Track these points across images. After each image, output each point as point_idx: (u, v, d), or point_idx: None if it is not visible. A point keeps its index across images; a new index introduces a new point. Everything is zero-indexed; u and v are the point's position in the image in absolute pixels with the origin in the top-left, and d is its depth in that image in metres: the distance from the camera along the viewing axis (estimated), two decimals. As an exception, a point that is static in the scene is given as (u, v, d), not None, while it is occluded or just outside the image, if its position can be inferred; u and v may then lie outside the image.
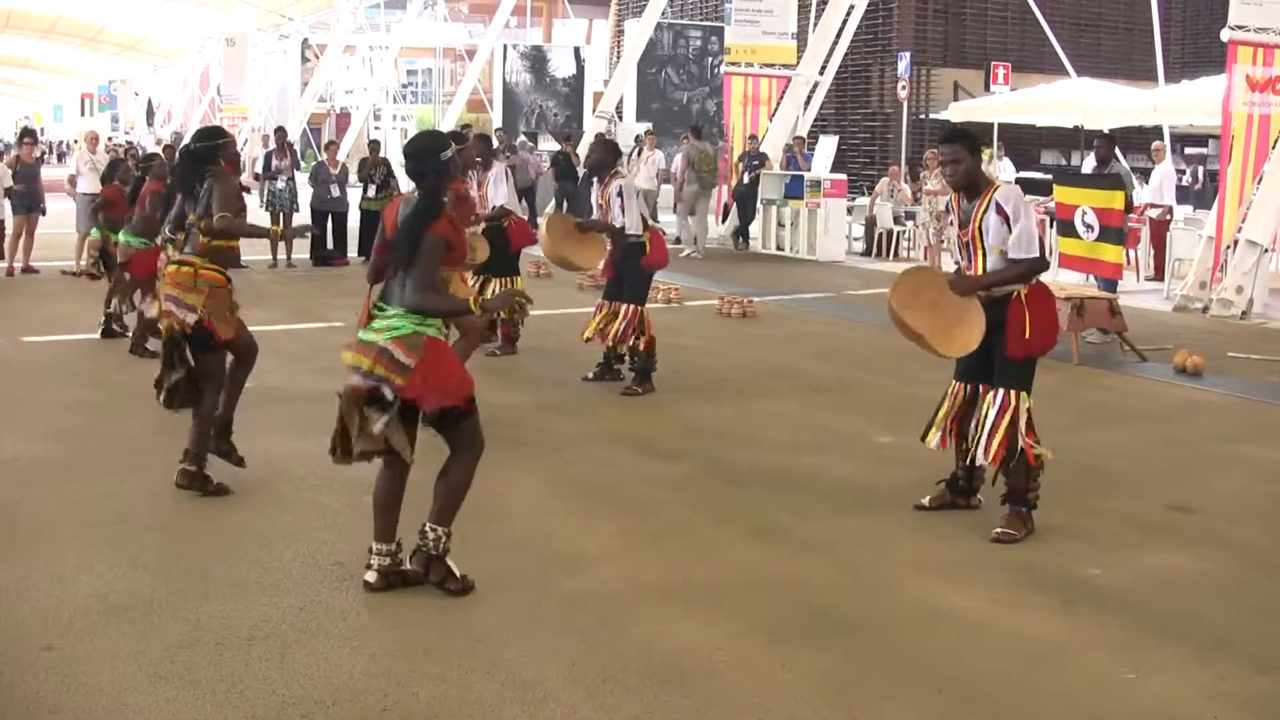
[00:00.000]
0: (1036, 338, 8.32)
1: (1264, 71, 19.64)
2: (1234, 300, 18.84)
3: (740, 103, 30.96)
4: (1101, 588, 7.55)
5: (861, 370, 13.90)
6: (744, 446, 10.64)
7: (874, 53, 40.33)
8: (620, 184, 12.55)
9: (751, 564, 7.80)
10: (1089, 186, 17.73)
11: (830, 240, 26.48)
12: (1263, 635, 6.89)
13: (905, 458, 9.31)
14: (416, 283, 6.72)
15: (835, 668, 6.31)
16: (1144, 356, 15.11)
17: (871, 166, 37.91)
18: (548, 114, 47.27)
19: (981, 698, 6.03)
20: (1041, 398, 9.34)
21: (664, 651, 6.41)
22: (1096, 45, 41.46)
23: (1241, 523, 8.96)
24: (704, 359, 14.65)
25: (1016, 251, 8.20)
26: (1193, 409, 12.76)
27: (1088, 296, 15.52)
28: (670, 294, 18.63)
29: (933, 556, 8.01)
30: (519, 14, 58.14)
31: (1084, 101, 28.47)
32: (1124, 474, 10.14)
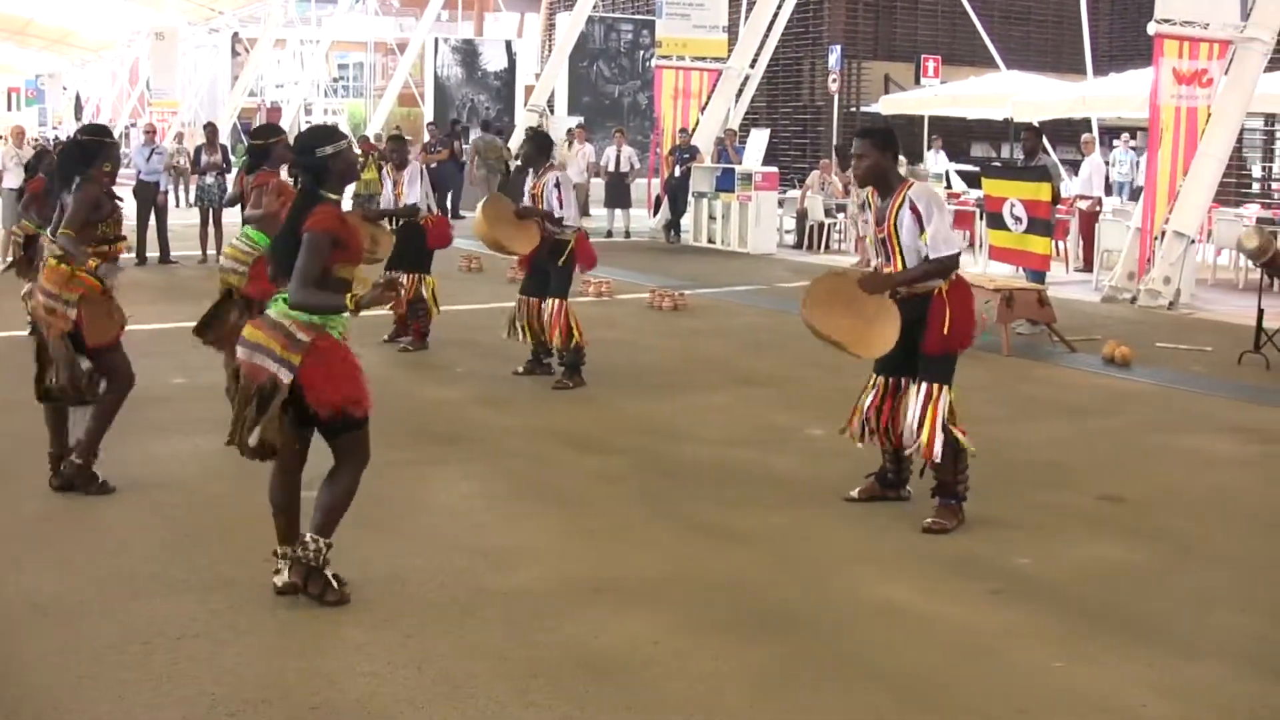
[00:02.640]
0: (955, 334, 8.32)
1: (1190, 64, 19.77)
2: (1162, 291, 18.98)
3: (671, 96, 30.94)
4: (1032, 578, 7.59)
5: (794, 363, 13.92)
6: (677, 441, 10.64)
7: (805, 46, 40.39)
8: (557, 176, 12.54)
9: (685, 558, 7.80)
10: (1017, 179, 17.85)
11: (761, 233, 26.50)
12: (1191, 624, 6.95)
13: (838, 451, 9.32)
14: (297, 279, 6.57)
15: (769, 661, 6.32)
16: (1073, 347, 15.20)
17: (803, 159, 37.97)
18: (479, 108, 47.08)
19: (913, 688, 6.06)
20: (971, 389, 9.41)
21: (596, 647, 6.41)
22: (1026, 38, 41.65)
23: (1170, 512, 9.03)
24: (636, 353, 14.65)
25: (933, 249, 8.21)
26: (1121, 399, 12.85)
27: (1017, 288, 15.61)
28: (601, 288, 18.61)
29: (866, 549, 8.04)
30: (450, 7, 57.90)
31: (1013, 94, 28.60)
32: (1054, 465, 10.20)
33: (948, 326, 8.25)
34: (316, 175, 6.83)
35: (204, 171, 24.17)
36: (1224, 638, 6.77)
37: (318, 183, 6.82)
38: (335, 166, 6.86)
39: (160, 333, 14.42)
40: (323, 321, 6.65)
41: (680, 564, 7.70)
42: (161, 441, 10.15)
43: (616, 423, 11.25)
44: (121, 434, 9.08)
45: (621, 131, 31.41)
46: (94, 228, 8.83)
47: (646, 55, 42.37)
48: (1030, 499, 9.18)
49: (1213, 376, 14.04)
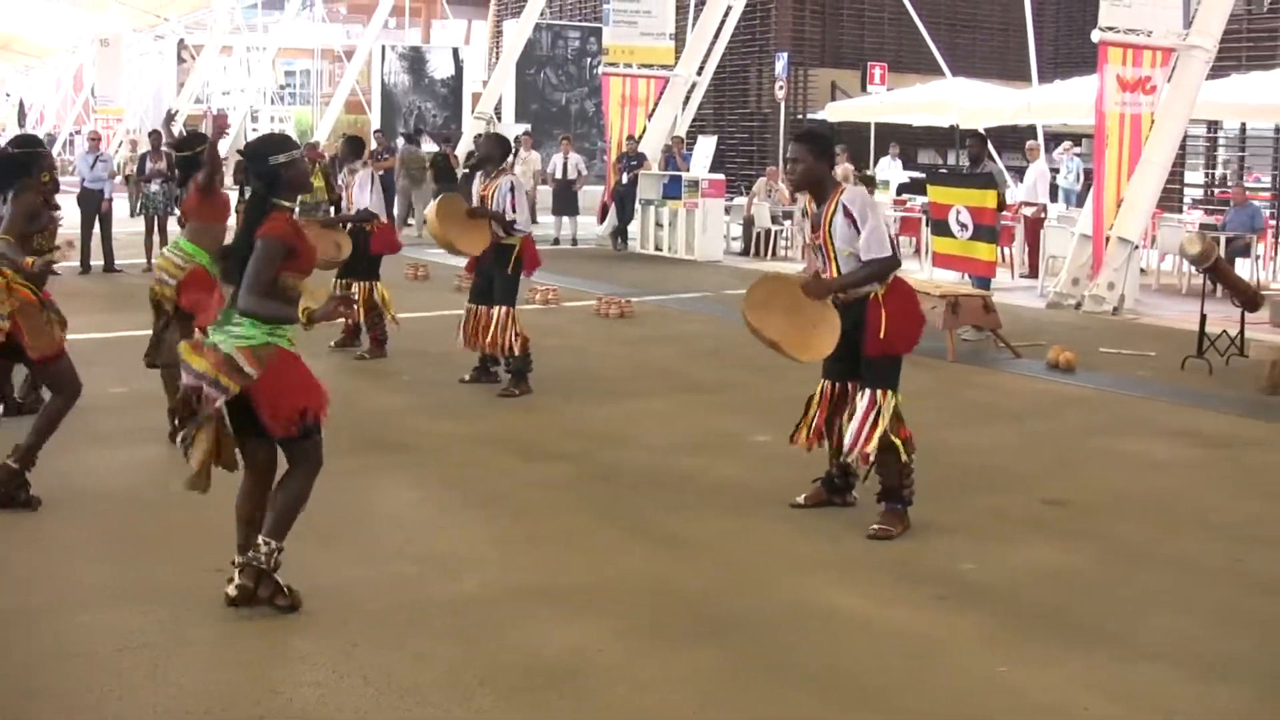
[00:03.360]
0: (894, 337, 8.32)
1: (1134, 72, 19.90)
2: (1106, 297, 19.11)
3: (618, 103, 30.93)
4: (976, 582, 7.63)
5: (739, 369, 13.94)
6: (623, 447, 10.65)
7: (752, 53, 40.43)
8: (510, 179, 12.52)
9: (631, 565, 7.81)
10: (962, 186, 17.93)
11: (708, 240, 26.53)
12: (1133, 626, 7.00)
13: (784, 456, 9.34)
14: (247, 285, 6.55)
15: (715, 667, 6.32)
16: (1018, 353, 15.28)
17: (750, 166, 38.01)
18: (426, 115, 46.96)
19: (859, 694, 6.08)
20: (917, 395, 9.44)
21: (542, 655, 6.41)
22: (972, 45, 41.82)
23: (1113, 516, 9.08)
24: (583, 360, 14.64)
25: (867, 252, 8.23)
26: (1066, 404, 12.92)
27: (962, 294, 15.67)
28: (548, 295, 18.59)
29: (811, 555, 8.06)
30: (397, 15, 57.79)
31: (959, 101, 28.74)
32: (998, 469, 10.25)
33: (884, 330, 8.25)
34: (269, 183, 6.80)
35: (149, 179, 24.04)
36: (1166, 639, 6.82)
37: (270, 190, 6.80)
38: (288, 175, 6.84)
39: (102, 342, 14.36)
40: (269, 335, 6.60)
41: (626, 570, 7.71)
42: (102, 451, 10.08)
43: (562, 430, 11.24)
44: (62, 443, 8.99)
45: (568, 139, 31.44)
46: (30, 239, 8.78)
47: (594, 62, 42.33)
48: (975, 504, 9.22)
49: (1156, 381, 14.13)
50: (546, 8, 39.88)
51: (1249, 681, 6.32)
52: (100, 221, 22.67)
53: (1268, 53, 30.51)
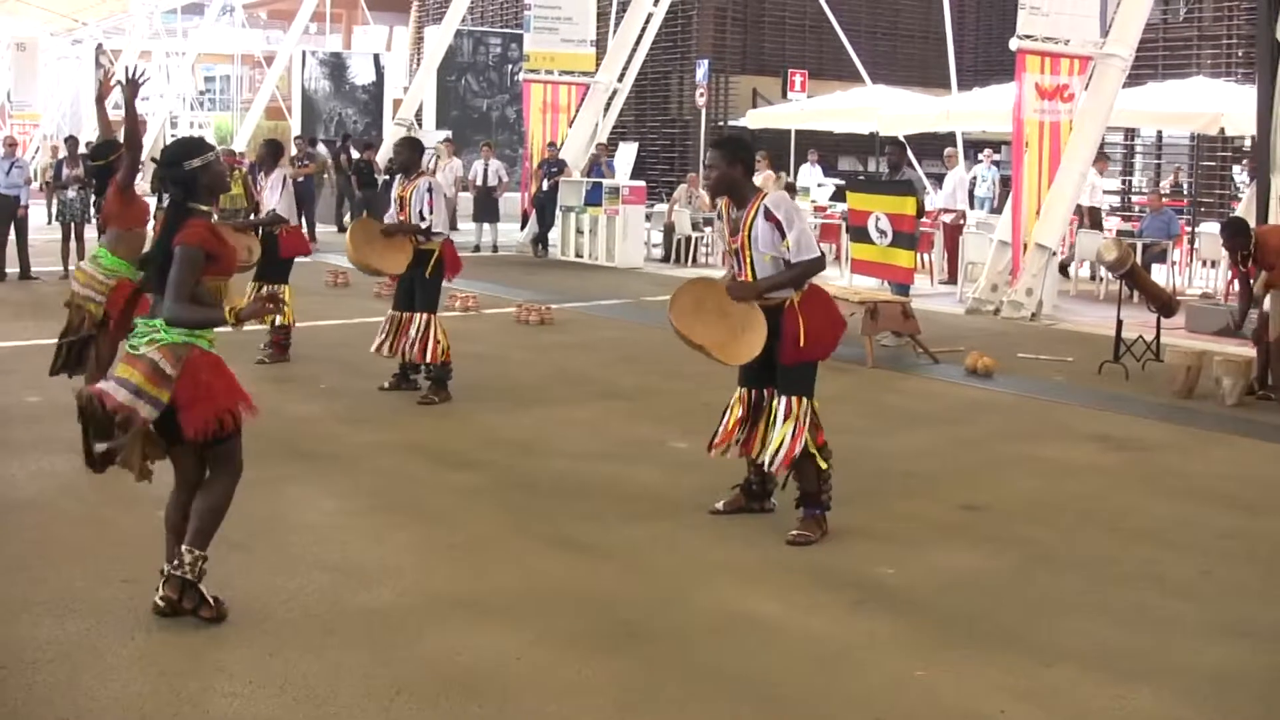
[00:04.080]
0: (811, 344, 8.34)
1: (1052, 80, 20.06)
2: (1024, 302, 19.25)
3: (540, 110, 30.90)
4: (894, 587, 7.67)
5: (659, 376, 13.96)
6: (542, 455, 10.63)
7: (673, 60, 40.49)
8: (429, 181, 12.50)
9: (549, 573, 7.79)
10: (882, 192, 18.01)
11: (629, 247, 26.55)
12: (1049, 630, 7.05)
13: (702, 463, 9.34)
14: (171, 294, 6.48)
15: (632, 675, 6.33)
16: (936, 358, 15.36)
17: (671, 173, 38.04)
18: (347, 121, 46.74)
19: (776, 700, 6.09)
20: (836, 401, 9.47)
21: (459, 663, 6.39)
22: (892, 53, 41.99)
23: (1029, 521, 9.15)
24: (502, 367, 14.61)
25: (797, 255, 8.25)
26: (983, 409, 13.00)
27: (881, 300, 15.75)
28: (468, 302, 18.55)
29: (729, 561, 8.07)
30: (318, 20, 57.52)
31: (879, 108, 28.83)
32: (916, 475, 10.30)
33: (802, 337, 8.27)
34: (185, 188, 6.76)
35: (65, 185, 23.82)
36: (1080, 642, 6.88)
37: (187, 196, 6.75)
38: (203, 179, 6.80)
39: (17, 350, 14.21)
40: (188, 335, 6.56)
41: (543, 578, 7.69)
42: (15, 461, 9.97)
43: (480, 437, 11.21)
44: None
45: (489, 145, 31.36)
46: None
47: (515, 69, 42.27)
48: (893, 509, 9.27)
49: (1073, 386, 14.25)
50: (468, 14, 39.77)
51: (1162, 682, 6.38)
52: (16, 228, 22.41)
53: (1183, 61, 30.83)
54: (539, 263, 27.41)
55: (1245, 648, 6.91)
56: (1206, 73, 28.94)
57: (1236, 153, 29.14)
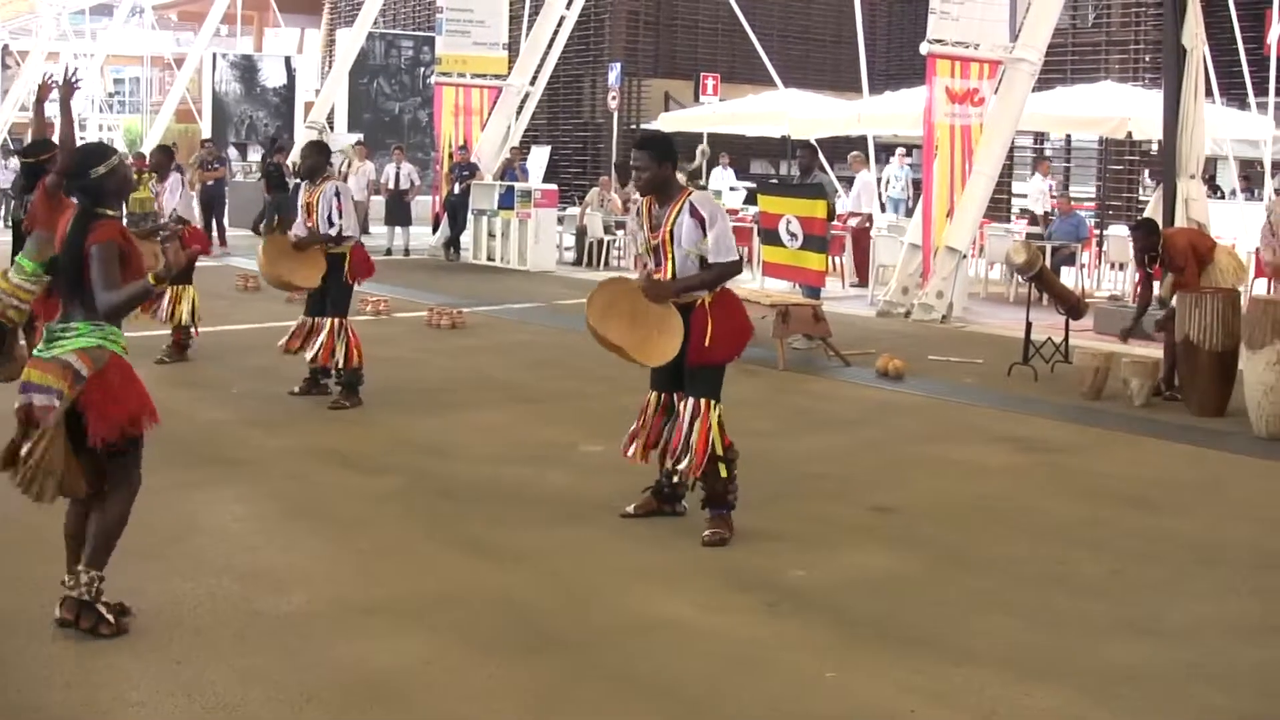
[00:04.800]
0: (719, 345, 8.33)
1: (962, 84, 20.20)
2: (934, 305, 19.37)
3: (452, 113, 30.77)
4: (804, 589, 7.69)
5: (571, 379, 13.96)
6: (454, 459, 10.59)
7: (586, 63, 40.47)
8: (336, 185, 12.43)
9: (461, 578, 7.77)
10: (793, 195, 18.06)
11: (541, 250, 26.49)
12: (959, 629, 7.10)
13: (614, 466, 9.33)
14: (102, 285, 6.46)
15: (544, 679, 6.32)
16: (847, 361, 15.43)
17: (583, 176, 38.01)
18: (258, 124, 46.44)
19: (689, 703, 6.10)
20: (748, 404, 9.49)
21: (370, 669, 6.35)
22: (804, 57, 42.10)
23: (939, 522, 9.20)
24: (414, 371, 14.55)
25: (716, 256, 8.27)
26: (894, 411, 13.06)
27: (792, 303, 15.80)
28: (379, 306, 18.47)
29: (641, 564, 8.07)
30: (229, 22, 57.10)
31: (790, 111, 28.92)
32: (827, 477, 10.34)
33: (709, 338, 8.27)
34: (93, 196, 6.73)
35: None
36: (988, 642, 6.93)
37: (95, 202, 6.73)
38: (110, 184, 6.78)
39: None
40: (103, 339, 6.53)
41: (455, 583, 7.66)
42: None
43: (391, 442, 11.16)
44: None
45: (401, 149, 31.26)
46: None
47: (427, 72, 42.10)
48: (804, 511, 9.30)
49: (983, 388, 14.35)
50: (380, 17, 39.60)
51: (1068, 681, 6.43)
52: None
53: (1092, 66, 31.14)
54: (451, 266, 27.32)
55: (1152, 646, 6.98)
56: (1114, 77, 29.25)
57: (1144, 157, 29.44)
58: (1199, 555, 8.65)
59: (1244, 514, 9.75)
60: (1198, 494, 10.33)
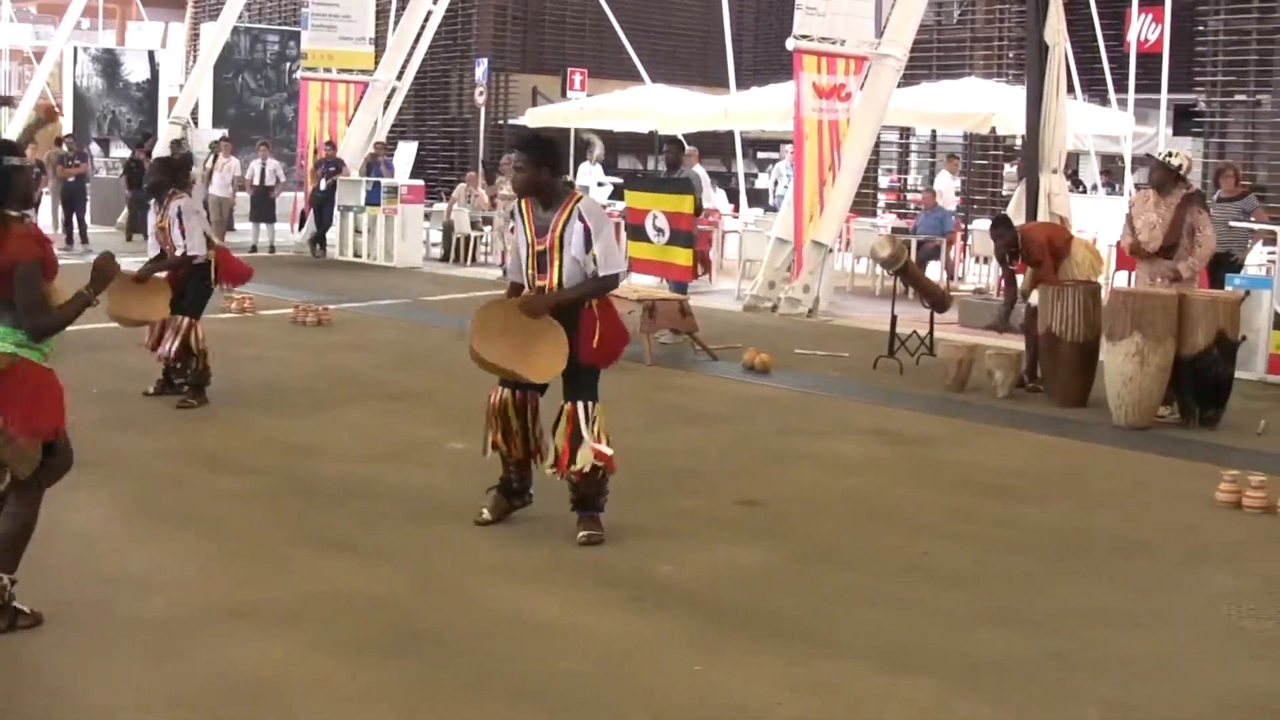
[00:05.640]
0: (606, 347, 8.30)
1: (829, 79, 20.32)
2: (801, 299, 19.48)
3: (317, 108, 30.51)
4: (672, 584, 7.71)
5: (436, 376, 13.89)
6: (319, 458, 10.49)
7: (453, 58, 40.27)
8: (179, 204, 12.12)
9: (327, 578, 7.69)
10: (659, 191, 18.07)
11: (407, 246, 26.30)
12: (826, 622, 7.15)
13: (480, 464, 9.26)
14: (29, 312, 6.34)
15: (412, 678, 6.29)
16: (715, 355, 15.47)
17: (450, 172, 37.80)
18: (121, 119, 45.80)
19: (557, 699, 6.10)
20: (615, 400, 9.44)
21: (236, 672, 6.28)
22: (672, 52, 42.13)
23: (805, 515, 9.27)
24: (278, 369, 14.39)
25: (604, 267, 8.21)
26: (761, 405, 13.12)
27: (659, 298, 15.81)
28: (244, 303, 18.24)
29: (509, 562, 8.04)
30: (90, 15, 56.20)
31: (658, 107, 28.97)
32: (694, 472, 10.36)
33: (598, 339, 8.23)
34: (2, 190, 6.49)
35: None
36: (855, 633, 6.99)
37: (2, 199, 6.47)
38: (18, 181, 6.58)
39: None
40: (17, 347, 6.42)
41: (320, 584, 7.59)
42: None
43: (256, 441, 11.03)
44: None
45: (266, 144, 30.90)
46: None
47: (293, 67, 41.74)
48: (670, 506, 9.31)
49: (849, 381, 14.45)
50: (245, 11, 39.20)
51: (934, 671, 6.50)
52: None
53: (957, 62, 31.44)
54: (317, 263, 27.06)
55: (1017, 635, 7.06)
56: (979, 73, 29.55)
57: (1008, 151, 29.80)
58: (1061, 544, 8.77)
59: (1104, 503, 9.90)
60: (1060, 484, 10.47)
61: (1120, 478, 10.76)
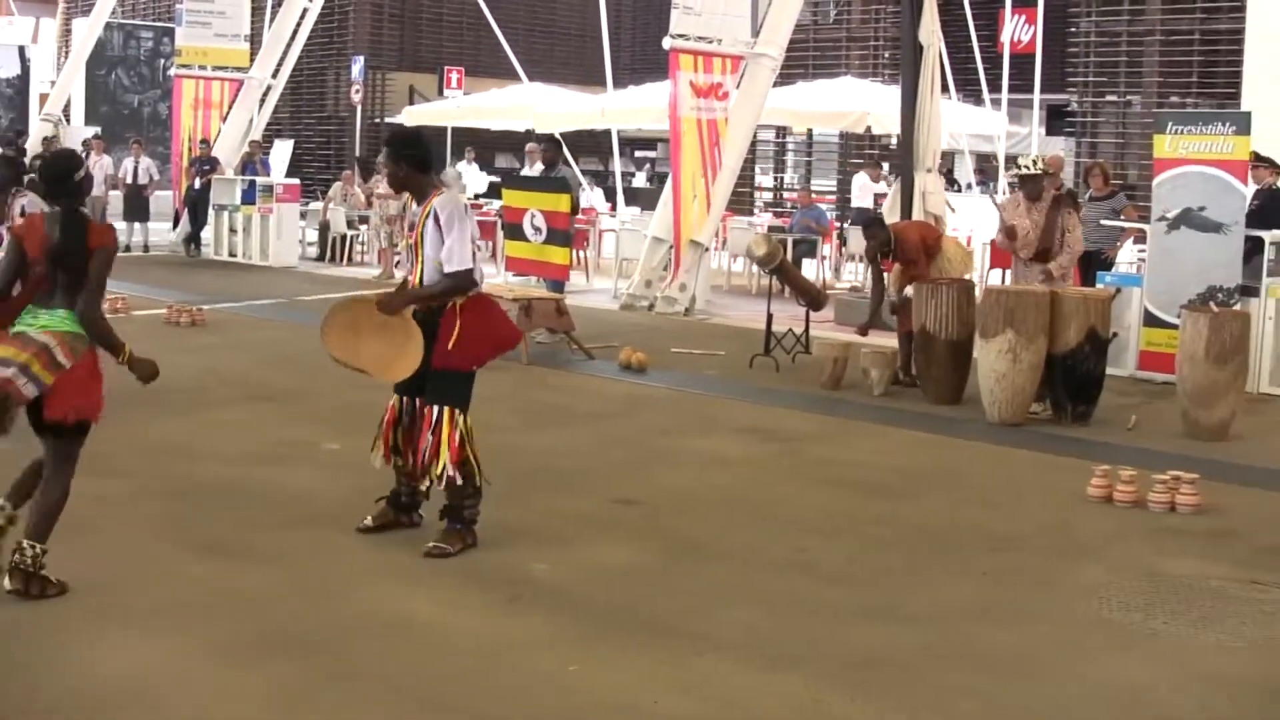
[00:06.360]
0: (463, 350, 8.08)
1: (705, 78, 20.35)
2: (678, 298, 19.52)
3: (191, 106, 30.19)
4: (548, 584, 7.69)
5: (312, 377, 13.74)
6: (194, 460, 10.36)
7: (329, 56, 40.04)
8: (23, 203, 11.91)
9: (201, 580, 7.60)
10: (537, 190, 18.04)
11: (283, 246, 26.07)
12: (701, 620, 7.16)
13: (355, 464, 9.21)
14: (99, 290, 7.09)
15: (288, 680, 6.23)
16: (591, 355, 15.47)
17: (327, 171, 37.56)
18: (-11, 117, 45.14)
19: (433, 701, 6.07)
20: (492, 399, 9.43)
21: (103, 676, 6.20)
22: (549, 51, 42.15)
23: (681, 513, 9.28)
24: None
25: (448, 265, 8.00)
26: (637, 404, 13.14)
27: (535, 297, 15.78)
28: (116, 304, 17.96)
29: (385, 563, 7.98)
30: (-44, 11, 55.50)
31: (535, 106, 28.94)
32: (570, 471, 10.34)
33: (454, 341, 8.02)
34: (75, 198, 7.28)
35: None
36: (731, 630, 7.00)
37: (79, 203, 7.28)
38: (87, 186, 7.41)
39: None
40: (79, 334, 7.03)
41: (194, 586, 7.50)
42: None
43: (128, 443, 10.84)
44: None
45: (139, 142, 30.53)
46: None
47: (167, 64, 41.28)
48: (546, 505, 9.29)
49: (725, 379, 14.51)
50: (118, 6, 38.74)
51: (809, 667, 6.54)
52: None
53: (833, 61, 31.71)
54: (191, 262, 26.77)
55: (891, 630, 7.11)
56: (854, 73, 29.84)
57: (883, 151, 30.04)
58: (935, 540, 8.85)
59: (977, 498, 9.99)
60: (934, 480, 10.56)
61: (994, 474, 10.87)
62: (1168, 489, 9.66)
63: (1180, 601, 7.72)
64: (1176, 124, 15.09)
